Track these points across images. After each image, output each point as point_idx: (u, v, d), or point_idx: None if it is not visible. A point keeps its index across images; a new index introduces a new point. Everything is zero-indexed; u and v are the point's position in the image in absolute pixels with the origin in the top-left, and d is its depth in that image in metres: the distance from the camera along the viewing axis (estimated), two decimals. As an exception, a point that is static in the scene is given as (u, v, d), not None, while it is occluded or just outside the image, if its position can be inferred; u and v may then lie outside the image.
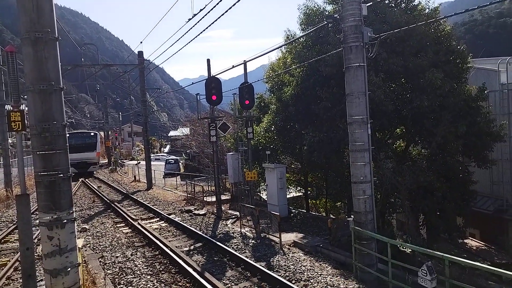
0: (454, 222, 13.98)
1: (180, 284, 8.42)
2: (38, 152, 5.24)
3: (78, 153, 31.54)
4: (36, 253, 9.33)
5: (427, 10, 13.63)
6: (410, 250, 10.77)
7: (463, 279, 7.29)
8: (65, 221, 5.33)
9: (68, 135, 27.20)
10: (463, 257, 9.48)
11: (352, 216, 9.10)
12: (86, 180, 29.97)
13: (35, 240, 10.21)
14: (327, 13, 14.36)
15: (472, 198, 14.22)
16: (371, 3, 9.82)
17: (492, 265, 10.98)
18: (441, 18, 12.72)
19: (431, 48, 12.81)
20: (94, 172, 36.30)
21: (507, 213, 16.10)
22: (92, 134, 35.84)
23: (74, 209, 5.54)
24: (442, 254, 6.57)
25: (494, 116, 15.26)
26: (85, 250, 10.92)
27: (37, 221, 5.68)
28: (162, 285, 8.34)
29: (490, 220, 16.63)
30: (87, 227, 14.12)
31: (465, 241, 16.65)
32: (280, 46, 15.49)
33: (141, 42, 23.00)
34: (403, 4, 13.77)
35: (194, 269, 8.78)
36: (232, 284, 8.32)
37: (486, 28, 78.99)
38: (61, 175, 5.32)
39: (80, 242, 7.87)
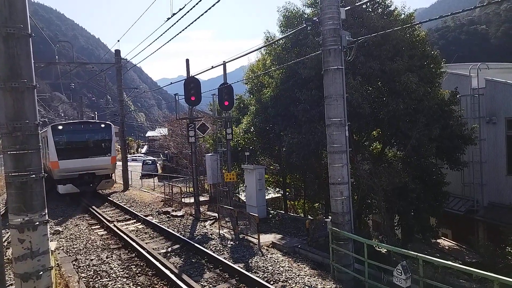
0: (428, 222, 14.36)
1: (157, 286, 8.29)
2: (9, 152, 5.06)
3: (80, 158, 19.68)
4: (6, 256, 8.98)
5: (402, 16, 13.95)
6: (385, 250, 10.99)
7: (436, 278, 7.50)
8: (37, 223, 5.16)
9: (60, 127, 18.76)
10: (436, 257, 9.74)
11: (329, 217, 9.21)
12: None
13: (5, 243, 9.83)
14: (306, 16, 14.49)
15: (444, 199, 14.64)
16: (349, 7, 9.99)
17: (463, 264, 11.36)
18: (416, 23, 13.04)
19: (407, 52, 13.12)
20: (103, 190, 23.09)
21: (477, 213, 16.67)
22: (103, 125, 21.28)
23: (46, 211, 5.37)
24: (416, 253, 6.74)
25: (466, 120, 15.78)
26: (58, 253, 10.60)
27: (8, 223, 5.47)
28: (139, 288, 8.20)
29: (461, 221, 17.17)
30: (60, 229, 13.73)
31: (438, 241, 17.12)
32: (260, 48, 15.57)
33: (118, 41, 22.59)
34: (380, 9, 14.05)
35: (172, 271, 8.67)
36: (210, 286, 8.27)
37: (458, 35, 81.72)
38: (33, 175, 5.15)
39: (53, 245, 7.64)
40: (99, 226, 14.45)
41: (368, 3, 13.49)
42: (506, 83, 15.96)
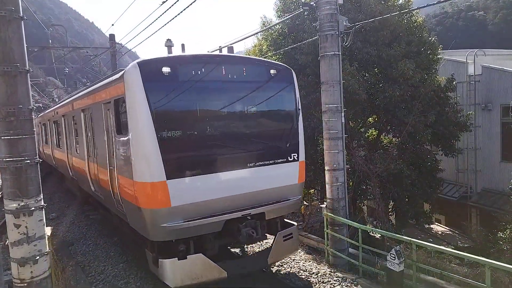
0: (422, 208, 14.53)
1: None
2: (3, 137, 5.02)
3: (229, 169, 6.41)
4: (3, 241, 9.01)
5: (400, 1, 13.83)
6: (379, 235, 11.13)
7: (429, 262, 7.62)
8: (33, 208, 5.16)
9: (168, 68, 6.07)
10: (429, 242, 9.90)
11: (325, 203, 9.27)
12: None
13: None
14: (303, 1, 14.28)
15: (438, 185, 14.79)
16: (347, -8, 9.87)
17: (455, 249, 11.51)
18: (414, 9, 12.96)
19: (404, 39, 13.05)
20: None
21: (471, 199, 16.87)
22: (273, 70, 7.24)
23: (42, 196, 5.37)
24: (409, 238, 6.84)
25: (461, 107, 15.84)
26: (55, 238, 10.63)
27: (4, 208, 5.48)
28: (135, 273, 8.26)
29: (454, 206, 17.39)
30: (57, 215, 13.74)
31: (432, 226, 17.35)
32: (256, 33, 15.37)
33: (112, 25, 22.32)
34: (377, -6, 13.90)
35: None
36: (206, 270, 8.32)
37: (456, 21, 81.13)
38: (28, 161, 5.13)
39: (49, 230, 7.65)
40: (96, 213, 14.48)
41: (366, -12, 13.32)
42: (502, 70, 15.97)
